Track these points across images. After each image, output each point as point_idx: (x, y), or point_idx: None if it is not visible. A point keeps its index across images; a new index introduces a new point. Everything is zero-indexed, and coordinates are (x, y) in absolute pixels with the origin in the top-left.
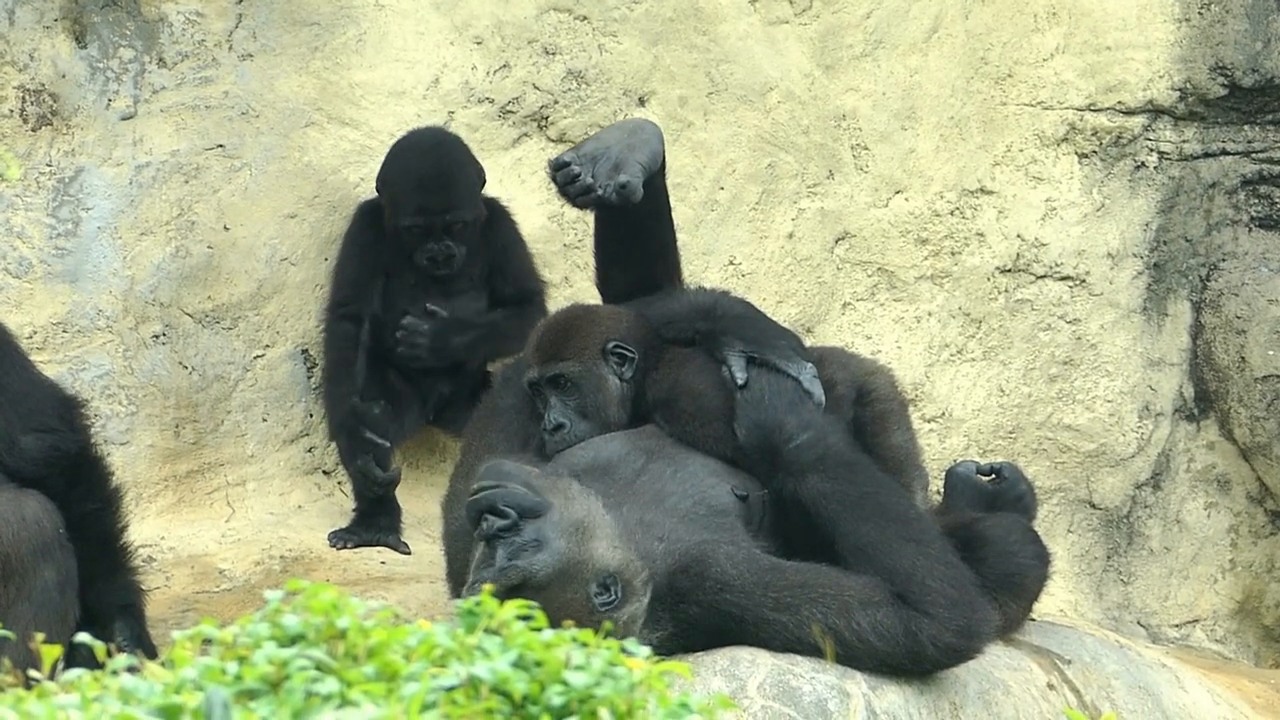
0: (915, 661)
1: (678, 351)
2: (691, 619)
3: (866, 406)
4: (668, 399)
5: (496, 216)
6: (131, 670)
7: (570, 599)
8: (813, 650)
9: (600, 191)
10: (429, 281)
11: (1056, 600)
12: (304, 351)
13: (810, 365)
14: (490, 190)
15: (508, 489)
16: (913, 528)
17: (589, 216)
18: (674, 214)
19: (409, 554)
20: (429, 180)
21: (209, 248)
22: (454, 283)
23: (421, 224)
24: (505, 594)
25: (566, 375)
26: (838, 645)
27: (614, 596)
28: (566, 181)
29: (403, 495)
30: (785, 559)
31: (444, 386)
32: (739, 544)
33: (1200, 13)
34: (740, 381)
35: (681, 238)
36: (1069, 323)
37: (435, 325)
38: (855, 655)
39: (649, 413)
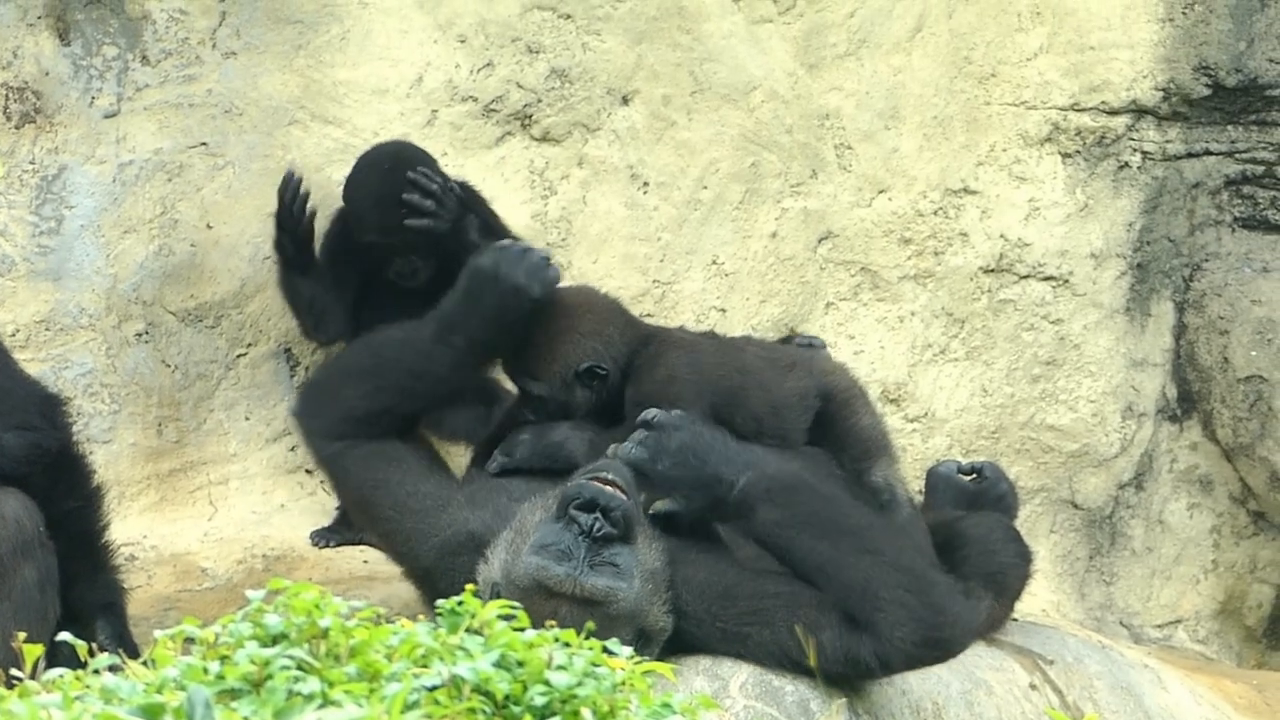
0: (867, 677)
1: (666, 342)
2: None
3: (830, 401)
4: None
5: (469, 200)
6: (113, 669)
7: (606, 631)
8: (772, 665)
9: None
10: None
11: (1039, 600)
12: (287, 350)
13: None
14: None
15: (628, 503)
16: (866, 537)
17: (573, 215)
18: (657, 213)
19: None
20: (386, 198)
21: (192, 246)
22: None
23: (381, 242)
24: (544, 595)
25: (535, 393)
26: (790, 667)
27: (639, 647)
28: None
29: None
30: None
31: None
32: (699, 564)
33: (1184, 12)
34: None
35: (665, 237)
36: (1052, 323)
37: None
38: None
39: (617, 400)
